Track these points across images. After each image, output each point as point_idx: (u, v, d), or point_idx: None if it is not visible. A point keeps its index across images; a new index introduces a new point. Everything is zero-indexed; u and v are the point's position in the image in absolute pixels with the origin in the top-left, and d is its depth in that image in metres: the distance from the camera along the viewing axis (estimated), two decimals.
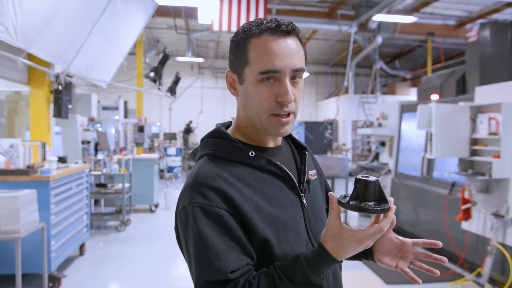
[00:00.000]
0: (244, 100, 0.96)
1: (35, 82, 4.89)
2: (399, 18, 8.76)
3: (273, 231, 0.92)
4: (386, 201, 0.84)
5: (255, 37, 0.92)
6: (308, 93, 16.79)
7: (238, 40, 0.95)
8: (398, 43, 12.48)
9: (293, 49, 0.92)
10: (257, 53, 0.91)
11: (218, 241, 0.86)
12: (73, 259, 4.59)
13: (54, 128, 5.66)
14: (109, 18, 5.03)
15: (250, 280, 0.86)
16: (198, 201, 0.88)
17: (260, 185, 0.95)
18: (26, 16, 3.46)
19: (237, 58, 0.95)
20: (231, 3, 6.10)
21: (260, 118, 0.93)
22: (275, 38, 0.91)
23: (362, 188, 0.83)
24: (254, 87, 0.92)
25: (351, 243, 0.83)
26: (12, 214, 3.02)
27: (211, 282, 0.85)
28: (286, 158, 1.05)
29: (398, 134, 5.68)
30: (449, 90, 5.45)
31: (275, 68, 0.89)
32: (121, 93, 10.65)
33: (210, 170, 0.93)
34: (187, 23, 11.33)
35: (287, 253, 0.92)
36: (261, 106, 0.92)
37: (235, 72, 0.96)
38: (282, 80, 0.90)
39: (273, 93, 0.91)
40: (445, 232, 4.45)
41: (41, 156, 4.31)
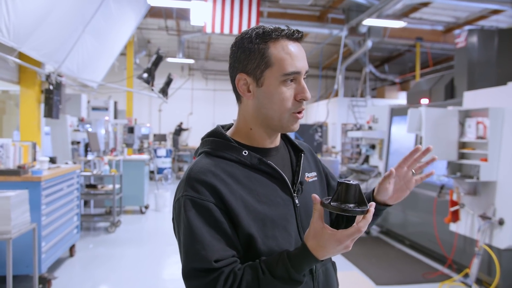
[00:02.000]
0: (264, 101, 1.01)
1: (26, 82, 4.83)
2: (389, 23, 8.89)
3: (259, 227, 0.97)
4: (365, 203, 0.89)
5: (272, 41, 0.99)
6: None
7: (255, 45, 0.99)
8: (387, 47, 12.63)
9: (303, 53, 1.02)
10: (280, 56, 0.98)
11: (205, 231, 0.92)
12: (63, 260, 4.55)
13: (44, 128, 5.60)
14: (101, 18, 5.01)
15: (235, 271, 0.91)
16: (189, 194, 0.95)
17: (251, 183, 1.00)
18: (19, 15, 3.43)
19: (254, 61, 1.00)
20: (224, 6, 6.12)
21: (282, 117, 1.00)
22: (292, 43, 1.00)
23: (344, 191, 0.88)
24: (277, 88, 0.99)
25: (331, 243, 0.87)
26: (3, 214, 2.98)
27: (196, 269, 0.91)
28: (282, 159, 1.10)
29: (388, 137, 5.76)
30: (437, 94, 5.56)
31: (298, 69, 0.99)
32: (111, 93, 10.57)
33: (203, 166, 0.99)
34: (178, 25, 11.30)
35: (273, 249, 0.97)
36: (283, 105, 0.99)
37: (251, 75, 1.01)
38: (299, 80, 1.00)
39: (292, 92, 0.99)
40: (434, 234, 4.53)
41: (31, 156, 4.27)
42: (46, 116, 4.81)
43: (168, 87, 6.23)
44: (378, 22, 8.79)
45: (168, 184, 10.76)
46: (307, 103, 15.09)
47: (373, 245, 5.46)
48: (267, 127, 1.03)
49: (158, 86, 7.24)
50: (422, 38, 11.14)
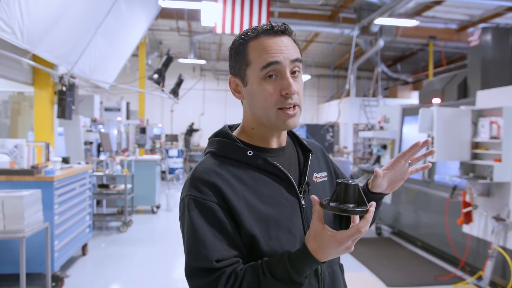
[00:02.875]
0: (250, 101, 1.01)
1: (39, 83, 4.92)
2: (401, 21, 8.80)
3: (262, 227, 0.96)
4: (365, 203, 0.87)
5: (252, 40, 0.99)
6: (309, 95, 16.82)
7: (237, 46, 1.02)
8: (399, 46, 12.50)
9: (288, 44, 0.99)
10: (256, 53, 0.97)
11: (207, 231, 0.92)
12: (76, 259, 4.61)
13: (57, 129, 5.69)
14: (113, 20, 5.07)
15: (236, 272, 0.91)
16: (193, 194, 0.96)
17: (256, 184, 0.99)
18: (32, 18, 3.50)
19: (238, 62, 1.01)
20: (234, 6, 6.14)
21: (268, 115, 0.98)
22: (271, 37, 0.98)
23: (343, 191, 0.87)
24: (258, 86, 0.98)
25: (331, 244, 0.86)
26: (17, 213, 3.04)
27: (198, 268, 0.91)
28: (289, 159, 1.08)
29: (400, 137, 5.70)
30: (450, 94, 5.47)
31: (274, 59, 0.95)
32: (124, 94, 10.68)
33: (207, 166, 0.99)
34: (189, 25, 11.37)
35: (276, 250, 0.96)
36: (267, 102, 0.97)
37: (238, 76, 1.03)
38: (283, 74, 0.96)
39: (277, 88, 0.96)
40: (446, 235, 4.46)
41: (44, 156, 4.34)
42: (59, 117, 4.89)
43: (179, 87, 6.27)
44: (390, 21, 8.71)
45: (180, 184, 10.83)
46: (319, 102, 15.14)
47: (384, 246, 5.41)
48: (263, 126, 1.03)
49: (170, 87, 7.30)
50: (435, 37, 11.00)
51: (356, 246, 3.55)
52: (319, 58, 14.58)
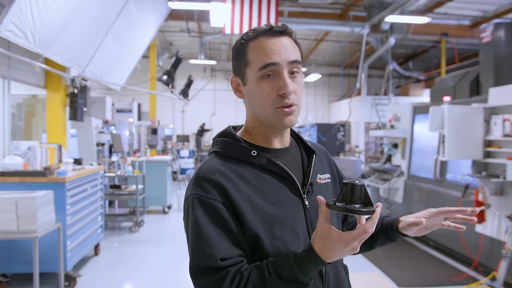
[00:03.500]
0: (249, 100, 1.03)
1: (52, 86, 5.01)
2: (412, 19, 8.69)
3: (266, 227, 0.96)
4: (371, 204, 0.87)
5: (252, 40, 1.01)
6: (320, 95, 16.74)
7: (238, 47, 1.03)
8: (411, 44, 12.35)
9: (287, 45, 1.00)
10: (255, 53, 0.99)
11: (211, 230, 0.93)
12: (88, 259, 4.68)
13: (70, 131, 5.79)
14: (123, 22, 5.13)
15: (241, 272, 0.91)
16: (197, 193, 0.96)
17: (260, 183, 1.00)
18: (44, 22, 3.56)
19: (239, 62, 1.03)
20: (243, 6, 6.15)
21: (266, 113, 1.00)
22: (270, 38, 0.99)
23: (349, 191, 0.87)
24: (256, 85, 0.99)
25: (338, 244, 0.87)
26: (30, 214, 3.10)
27: (203, 267, 0.91)
28: (292, 160, 1.09)
29: (411, 136, 5.63)
30: (462, 91, 5.39)
31: (272, 60, 0.97)
32: (135, 96, 10.79)
33: (212, 166, 1.00)
34: (199, 26, 11.43)
35: (280, 250, 0.96)
36: (264, 101, 0.99)
37: (238, 75, 1.05)
38: (280, 74, 0.98)
39: (274, 88, 0.98)
40: (459, 235, 4.40)
41: (57, 158, 4.41)
42: (71, 119, 4.97)
43: (189, 88, 6.31)
44: (401, 19, 8.60)
45: None
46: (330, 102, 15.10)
47: (396, 246, 5.35)
48: (263, 124, 1.04)
49: (180, 87, 7.35)
50: (447, 34, 10.84)
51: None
52: (330, 57, 14.49)
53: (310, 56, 15.01)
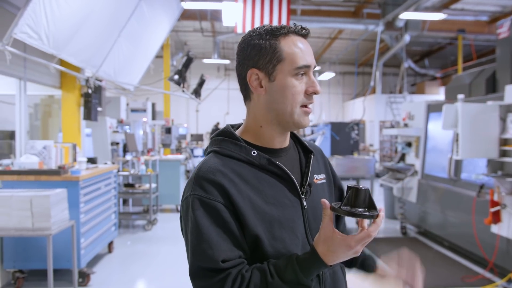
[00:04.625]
0: (276, 96, 1.00)
1: (67, 86, 5.11)
2: (428, 15, 8.56)
3: (266, 228, 0.96)
4: (375, 208, 0.89)
5: (283, 37, 1.01)
6: (334, 93, 16.62)
7: (264, 41, 1.00)
8: (427, 41, 12.17)
9: (311, 49, 1.04)
10: (291, 51, 0.99)
11: (212, 231, 0.92)
12: (102, 256, 4.76)
13: (85, 130, 5.89)
14: (136, 23, 5.19)
15: (242, 273, 0.90)
16: (198, 193, 0.95)
17: (260, 184, 0.99)
18: (57, 23, 3.63)
19: (266, 56, 1.00)
20: (254, 5, 6.15)
21: (293, 111, 1.00)
22: (300, 38, 1.02)
23: (353, 195, 0.88)
24: (289, 82, 0.99)
25: (341, 248, 0.87)
26: (44, 212, 3.17)
27: (203, 268, 0.91)
28: (291, 160, 1.08)
29: (425, 135, 5.55)
30: (478, 88, 5.27)
31: (308, 63, 1.00)
32: (149, 95, 10.92)
33: (212, 165, 0.99)
34: (213, 26, 11.48)
35: (280, 251, 0.96)
36: (295, 99, 1.00)
37: (263, 70, 1.00)
38: (309, 74, 1.01)
39: (303, 86, 1.00)
40: (473, 235, 4.32)
41: (72, 157, 4.50)
42: (85, 119, 5.05)
43: (201, 88, 6.35)
44: (416, 15, 8.49)
45: None
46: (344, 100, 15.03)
47: (410, 246, 5.28)
48: (278, 124, 1.03)
49: (193, 87, 7.40)
50: (464, 30, 10.63)
51: (379, 246, 3.59)
52: (344, 55, 14.38)
53: (324, 55, 14.92)
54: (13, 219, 3.20)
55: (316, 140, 8.35)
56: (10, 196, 3.21)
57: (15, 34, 3.25)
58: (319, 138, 7.80)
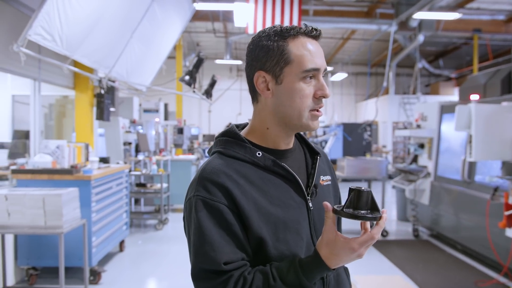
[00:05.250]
0: (283, 99, 0.99)
1: (80, 87, 5.19)
2: (442, 15, 8.42)
3: (271, 229, 0.95)
4: (378, 210, 0.87)
5: (291, 38, 0.98)
6: (347, 94, 16.51)
7: (272, 43, 0.98)
8: (441, 41, 11.98)
9: (322, 51, 1.01)
10: (299, 53, 0.96)
11: (215, 233, 0.91)
12: (113, 255, 4.81)
13: (98, 130, 5.97)
14: (148, 24, 5.23)
15: (245, 276, 0.90)
16: (201, 195, 0.94)
17: (265, 185, 0.98)
18: (71, 25, 3.68)
19: (274, 59, 0.98)
20: (266, 6, 6.15)
21: (301, 114, 0.98)
22: (310, 40, 0.99)
23: (356, 197, 0.87)
24: (297, 85, 0.97)
25: (344, 251, 0.86)
26: (55, 211, 3.22)
27: (205, 270, 0.90)
28: (296, 161, 1.07)
29: (438, 136, 5.46)
30: (493, 89, 5.18)
31: (317, 66, 0.97)
32: (162, 96, 11.01)
33: (216, 167, 0.98)
34: (225, 27, 11.52)
35: (283, 253, 0.95)
36: (303, 102, 0.97)
37: (270, 72, 0.98)
38: (318, 78, 0.98)
39: (312, 90, 0.98)
40: (487, 239, 4.23)
41: (84, 156, 4.56)
42: (98, 119, 5.12)
43: (212, 88, 6.37)
44: (431, 15, 8.36)
45: None
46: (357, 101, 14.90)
47: (422, 249, 5.21)
48: (285, 126, 1.01)
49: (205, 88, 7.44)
50: (480, 30, 10.44)
51: (390, 248, 3.55)
52: (356, 56, 14.27)
53: (336, 55, 14.83)
54: (26, 217, 3.26)
55: (328, 141, 8.31)
56: (23, 195, 3.27)
57: (29, 36, 3.32)
58: (331, 139, 7.75)
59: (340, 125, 11.94)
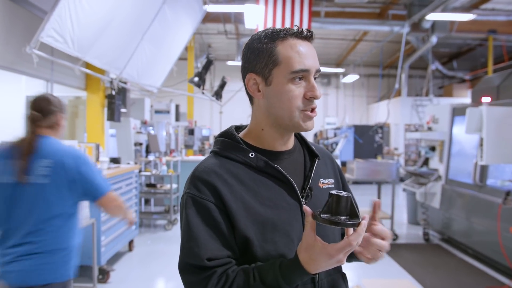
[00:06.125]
0: (272, 101, 1.00)
1: (91, 88, 5.27)
2: (456, 16, 8.31)
3: (258, 229, 0.96)
4: (357, 216, 0.85)
5: (280, 40, 0.98)
6: (358, 96, 16.40)
7: (262, 45, 0.99)
8: (455, 42, 11.82)
9: (314, 52, 1.00)
10: (287, 54, 0.97)
11: (201, 230, 0.94)
12: (122, 254, 4.86)
13: (109, 131, 6.05)
14: (158, 26, 5.29)
15: (228, 273, 0.92)
16: (191, 192, 0.97)
17: (256, 186, 0.99)
18: (82, 27, 3.75)
19: (263, 60, 0.99)
20: (276, 7, 6.16)
21: (292, 115, 0.98)
22: (301, 42, 0.98)
23: (335, 203, 0.85)
24: (285, 86, 0.97)
25: (321, 256, 0.85)
26: None
27: (190, 265, 0.93)
28: (293, 162, 1.07)
29: (449, 139, 5.39)
30: (507, 91, 5.08)
31: (306, 67, 0.96)
32: (173, 97, 11.09)
33: (208, 166, 1.01)
34: (236, 28, 11.55)
35: (270, 254, 0.96)
36: (292, 103, 0.97)
37: (260, 74, 1.00)
38: (309, 78, 0.98)
39: (302, 91, 0.97)
40: (499, 244, 4.15)
41: (95, 156, 4.62)
42: (109, 119, 5.19)
43: (222, 90, 6.40)
44: (444, 16, 8.25)
45: None
46: (368, 103, 14.76)
47: (432, 253, 5.14)
48: (279, 127, 1.02)
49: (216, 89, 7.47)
50: (495, 31, 10.27)
51: (400, 252, 3.53)
52: (368, 57, 14.16)
53: (348, 57, 14.75)
54: None
55: (338, 143, 8.26)
56: None
57: (42, 38, 3.38)
58: (341, 141, 7.71)
59: (351, 127, 11.86)
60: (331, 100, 17.01)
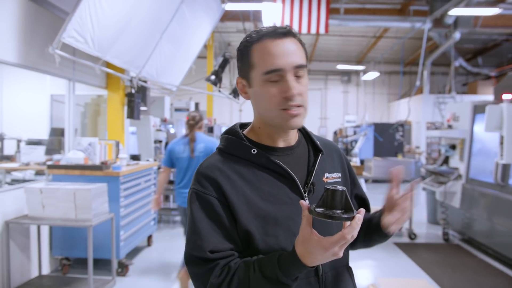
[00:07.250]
0: (255, 101, 1.06)
1: (112, 87, 5.40)
2: (480, 11, 8.08)
3: (259, 224, 0.99)
4: (352, 210, 0.86)
5: (256, 42, 1.01)
6: (379, 93, 16.17)
7: (242, 48, 1.05)
8: (480, 38, 11.49)
9: (291, 48, 1.00)
10: (259, 56, 1.00)
11: (205, 223, 0.98)
12: (141, 249, 4.98)
13: (130, 129, 6.18)
14: (177, 25, 5.36)
15: (230, 265, 0.95)
16: (196, 188, 1.03)
17: (258, 181, 1.02)
18: (102, 27, 3.85)
19: (243, 64, 1.05)
20: (293, 6, 6.14)
21: (272, 115, 1.01)
22: (273, 40, 0.99)
23: (330, 197, 0.86)
24: (262, 88, 1.01)
25: (317, 249, 0.86)
26: (85, 204, 3.39)
27: (194, 257, 0.98)
28: (296, 158, 1.09)
29: (470, 137, 5.27)
30: None
31: (277, 67, 0.98)
32: (193, 95, 11.22)
33: (212, 162, 1.06)
34: (255, 26, 11.57)
35: (272, 247, 0.99)
36: (270, 103, 1.00)
37: (244, 77, 1.06)
38: (285, 77, 0.98)
39: (279, 90, 0.99)
40: None
41: (115, 153, 4.75)
42: (128, 117, 5.31)
43: None
44: (468, 11, 8.03)
45: None
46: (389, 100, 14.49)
47: (451, 253, 5.04)
48: (269, 125, 1.06)
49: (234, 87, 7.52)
50: None
51: (418, 251, 3.54)
52: (389, 54, 13.94)
53: (369, 54, 14.55)
54: (59, 210, 3.45)
55: (358, 141, 8.19)
56: (57, 189, 3.46)
57: (63, 39, 3.50)
58: (361, 139, 7.65)
59: (371, 125, 11.71)
60: (351, 98, 16.83)
